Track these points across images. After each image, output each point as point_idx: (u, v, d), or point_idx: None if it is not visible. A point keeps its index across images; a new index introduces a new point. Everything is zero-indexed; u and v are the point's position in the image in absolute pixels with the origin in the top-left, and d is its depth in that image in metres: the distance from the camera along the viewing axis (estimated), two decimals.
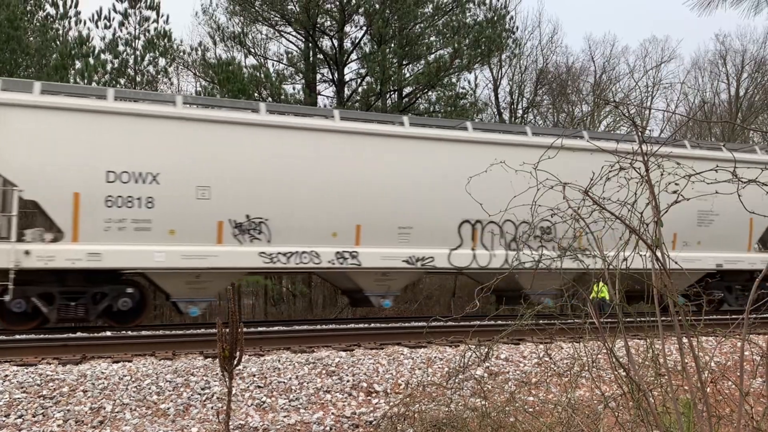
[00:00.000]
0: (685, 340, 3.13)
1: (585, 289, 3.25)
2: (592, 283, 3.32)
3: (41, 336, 9.40)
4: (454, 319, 9.82)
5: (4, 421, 5.62)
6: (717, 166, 2.96)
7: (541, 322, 4.03)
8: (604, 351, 3.40)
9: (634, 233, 2.87)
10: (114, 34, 21.59)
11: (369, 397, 6.74)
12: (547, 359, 7.59)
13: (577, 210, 3.30)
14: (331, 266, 12.34)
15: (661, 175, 3.06)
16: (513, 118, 29.46)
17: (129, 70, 21.72)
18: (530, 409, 4.25)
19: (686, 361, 3.22)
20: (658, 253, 2.86)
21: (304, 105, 21.23)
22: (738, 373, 3.23)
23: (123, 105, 11.52)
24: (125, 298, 11.36)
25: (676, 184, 2.88)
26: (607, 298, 21.71)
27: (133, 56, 21.87)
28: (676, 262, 2.98)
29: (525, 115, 30.14)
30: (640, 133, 3.33)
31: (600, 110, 30.70)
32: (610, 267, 3.17)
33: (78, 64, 20.37)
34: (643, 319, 3.74)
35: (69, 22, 21.78)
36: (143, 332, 10.35)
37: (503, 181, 5.22)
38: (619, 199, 3.05)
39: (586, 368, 3.63)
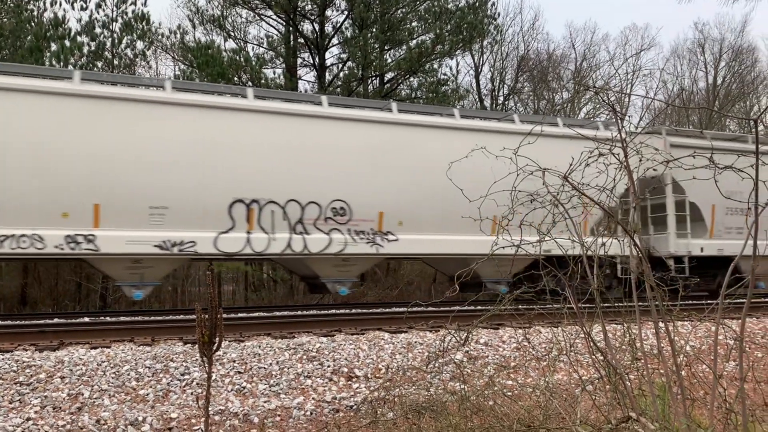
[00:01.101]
0: (661, 324, 3.17)
1: (564, 275, 3.28)
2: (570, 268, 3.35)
3: (17, 322, 9.28)
4: (434, 305, 9.91)
5: None
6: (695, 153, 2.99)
7: (520, 307, 4.07)
8: (582, 335, 3.44)
9: (611, 218, 2.90)
10: (91, 16, 21.20)
11: (350, 382, 6.77)
12: (525, 344, 7.67)
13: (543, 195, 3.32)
14: (60, 252, 10.66)
15: (640, 161, 3.09)
16: (494, 105, 29.52)
17: (106, 53, 21.36)
18: (509, 393, 4.30)
19: (662, 345, 3.27)
20: (636, 238, 2.89)
21: (285, 90, 21.05)
22: (712, 357, 3.29)
23: None
24: None
25: (654, 170, 2.90)
26: None
27: (110, 39, 21.51)
28: (653, 248, 3.02)
29: (506, 102, 30.22)
30: (619, 120, 3.35)
31: (580, 97, 30.87)
32: (588, 252, 3.20)
33: (54, 47, 19.98)
34: (620, 304, 3.78)
35: (44, 3, 21.31)
36: (122, 318, 10.27)
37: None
38: (597, 185, 3.08)
39: (564, 352, 3.67)
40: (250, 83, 22.11)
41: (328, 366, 7.16)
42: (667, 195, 15.20)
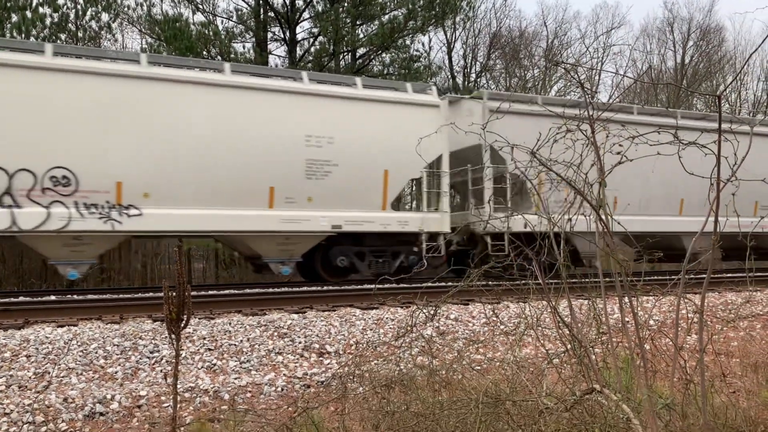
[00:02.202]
0: (625, 299, 3.24)
1: (532, 250, 3.31)
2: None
3: None
4: (404, 281, 9.94)
5: None
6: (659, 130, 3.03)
7: (489, 283, 4.11)
8: (549, 310, 3.49)
9: (579, 194, 2.93)
10: None
11: (321, 358, 6.80)
12: (494, 319, 7.78)
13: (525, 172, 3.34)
14: None
15: (606, 137, 3.12)
16: (466, 82, 29.50)
17: (70, 25, 20.76)
18: (477, 367, 4.36)
19: (626, 319, 3.34)
20: (602, 214, 2.94)
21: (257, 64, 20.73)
22: (674, 330, 3.37)
23: None
24: None
25: (620, 145, 2.94)
26: None
27: (74, 10, 20.88)
28: (619, 224, 3.07)
29: (478, 79, 30.23)
30: (588, 96, 3.38)
31: (551, 75, 31.02)
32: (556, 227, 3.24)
33: (14, 18, 19.32)
34: (586, 280, 3.85)
35: None
36: (89, 296, 10.13)
37: None
38: (564, 161, 3.11)
39: (532, 327, 3.73)
40: (219, 57, 21.72)
41: (300, 342, 7.18)
42: (485, 166, 14.25)
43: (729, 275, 12.27)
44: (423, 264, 12.78)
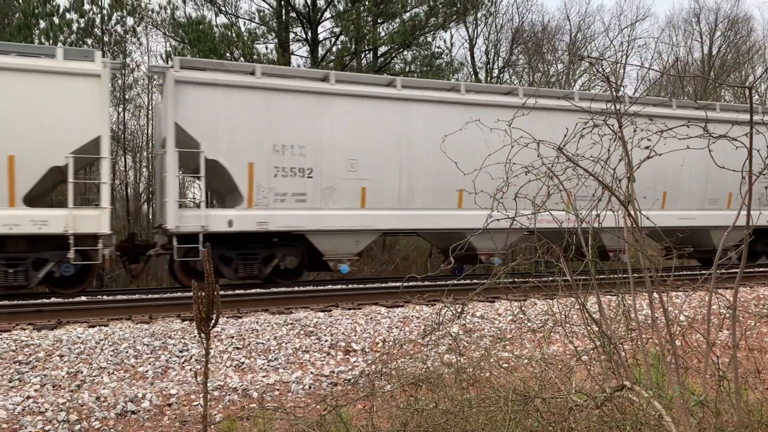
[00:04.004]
0: (655, 294, 3.20)
1: (559, 247, 3.28)
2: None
3: (15, 302, 9.29)
4: (430, 279, 9.96)
5: None
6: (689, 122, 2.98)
7: (516, 280, 4.08)
8: (577, 307, 3.46)
9: (606, 189, 2.90)
10: None
11: (347, 356, 6.82)
12: (521, 316, 7.73)
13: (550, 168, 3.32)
14: None
15: (634, 131, 3.08)
16: (489, 78, 29.33)
17: (96, 29, 21.09)
18: (505, 365, 4.35)
19: (656, 315, 3.30)
20: (631, 210, 2.90)
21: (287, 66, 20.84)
22: (706, 326, 3.32)
23: None
24: None
25: (648, 140, 2.90)
26: None
27: (99, 15, 21.21)
28: (648, 218, 3.03)
29: (501, 75, 30.03)
30: (614, 90, 3.34)
31: (575, 69, 30.70)
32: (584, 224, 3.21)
33: (42, 24, 19.69)
34: (615, 276, 3.81)
35: None
36: (119, 296, 10.28)
37: None
38: (591, 156, 3.07)
39: (560, 324, 3.70)
40: (242, 59, 21.88)
41: (326, 340, 7.22)
42: (167, 149, 11.31)
43: (761, 269, 12.04)
44: (69, 270, 10.69)
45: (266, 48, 24.43)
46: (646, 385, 3.12)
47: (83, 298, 9.84)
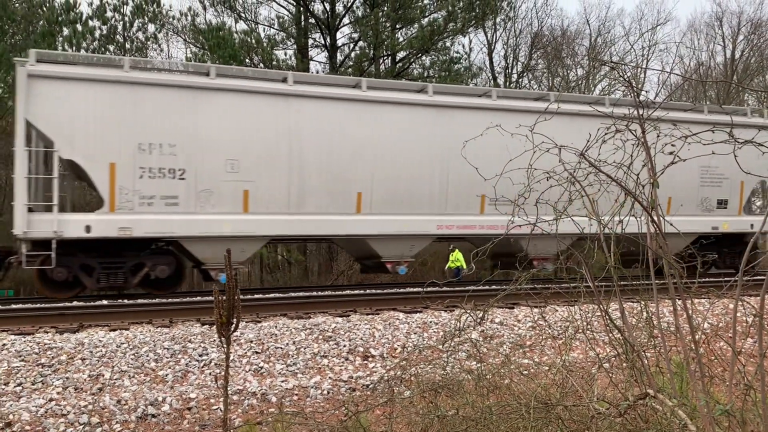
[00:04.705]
0: (678, 301, 3.15)
1: (581, 253, 3.25)
2: (587, 246, 3.33)
3: (37, 305, 9.41)
4: (449, 284, 9.92)
5: (3, 389, 5.66)
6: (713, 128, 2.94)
7: (537, 286, 4.04)
8: (599, 314, 3.42)
9: (629, 195, 2.87)
10: (101, 0, 21.18)
11: (365, 362, 6.81)
12: (542, 322, 7.66)
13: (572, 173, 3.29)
14: None
15: (657, 137, 3.05)
16: (508, 83, 29.24)
17: (118, 36, 21.37)
18: (525, 372, 4.31)
19: (679, 322, 3.25)
20: (654, 215, 2.86)
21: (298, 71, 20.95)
22: (730, 334, 3.26)
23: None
24: None
25: (673, 145, 2.87)
26: (464, 266, 20.43)
27: (121, 22, 21.49)
28: (671, 224, 2.99)
29: (520, 80, 29.91)
30: (636, 95, 3.30)
31: (595, 73, 30.49)
32: (606, 229, 3.17)
33: (66, 31, 20.01)
34: (637, 282, 3.76)
35: None
36: (139, 300, 10.38)
37: None
38: (615, 161, 3.04)
39: (581, 331, 3.66)
40: (261, 65, 22.04)
41: (344, 346, 7.22)
42: (16, 148, 10.55)
43: None
44: None
45: (285, 54, 24.61)
46: (669, 393, 3.07)
47: (105, 302, 9.95)
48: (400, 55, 24.84)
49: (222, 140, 11.29)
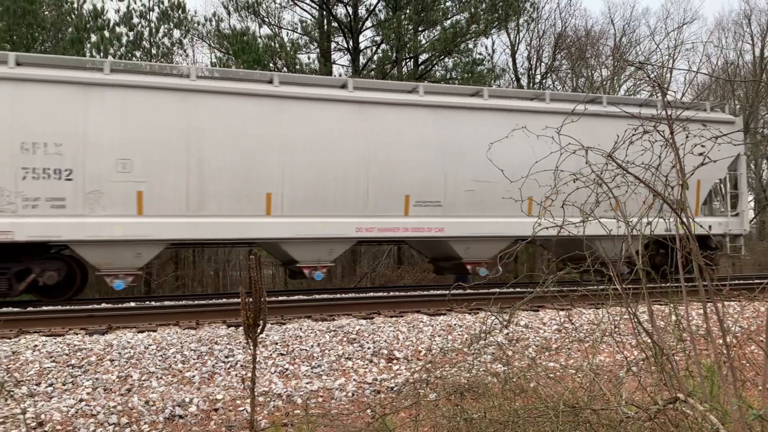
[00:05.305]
0: (709, 304, 3.11)
1: (607, 255, 3.22)
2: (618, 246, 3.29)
3: (67, 307, 9.58)
4: (473, 287, 9.87)
5: (35, 389, 5.77)
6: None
7: (563, 289, 4.01)
8: (626, 317, 3.39)
9: (658, 196, 2.84)
10: (128, 6, 21.51)
11: (390, 364, 6.82)
12: (568, 325, 7.60)
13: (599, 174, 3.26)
14: None
15: (687, 137, 3.01)
16: (531, 84, 29.06)
17: (144, 42, 21.68)
18: (551, 375, 4.28)
19: (710, 325, 3.20)
20: (683, 217, 2.83)
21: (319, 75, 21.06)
22: (762, 337, 3.20)
23: None
24: None
25: (702, 146, 2.83)
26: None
27: (148, 28, 21.80)
28: (701, 226, 2.94)
29: (543, 81, 29.71)
30: (663, 94, 3.26)
31: (620, 74, 30.15)
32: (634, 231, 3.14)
33: (93, 38, 20.36)
34: (666, 284, 3.72)
35: None
36: (166, 302, 10.51)
37: None
38: (643, 163, 3.01)
39: (608, 334, 3.63)
40: (285, 69, 22.19)
41: (368, 348, 7.23)
42: None
43: None
44: None
45: (308, 58, 24.75)
46: (700, 397, 3.03)
47: (132, 304, 10.09)
48: (423, 57, 24.84)
49: (113, 138, 10.69)
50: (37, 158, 10.30)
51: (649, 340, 3.34)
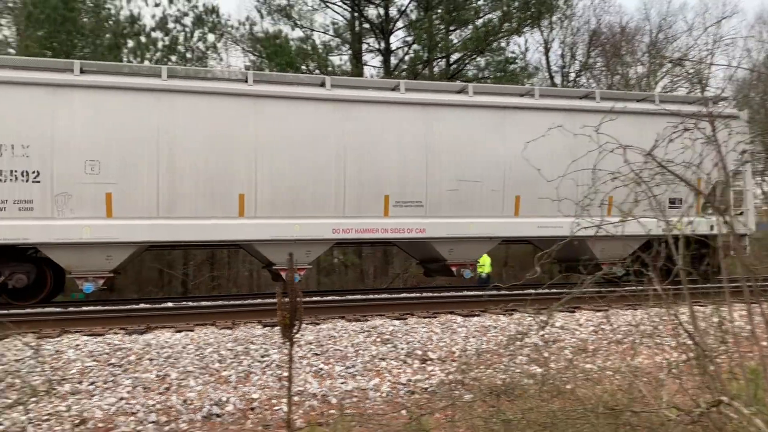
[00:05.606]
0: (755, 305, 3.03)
1: (648, 255, 3.16)
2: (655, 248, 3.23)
3: (107, 307, 9.78)
4: (507, 288, 9.73)
5: (78, 387, 5.91)
6: None
7: (601, 290, 3.95)
8: (666, 318, 3.32)
9: (701, 196, 2.77)
10: (164, 12, 21.91)
11: (424, 365, 6.80)
12: (607, 327, 7.48)
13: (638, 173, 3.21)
14: None
15: (729, 135, 2.94)
16: (565, 82, 28.71)
17: (179, 47, 22.03)
18: (589, 376, 4.22)
19: (754, 326, 3.12)
20: (727, 216, 2.76)
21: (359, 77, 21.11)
22: None
23: None
24: None
25: (743, 142, 2.75)
26: (487, 272, 19.07)
27: (182, 33, 22.16)
28: (745, 225, 2.87)
29: (577, 79, 29.33)
30: (702, 90, 3.19)
31: (656, 70, 29.58)
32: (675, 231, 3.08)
33: (130, 43, 20.79)
34: (707, 285, 3.64)
35: (120, 2, 22.17)
36: (203, 303, 10.65)
37: None
38: (684, 161, 2.95)
39: (649, 335, 3.56)
40: (317, 71, 22.33)
41: (402, 348, 7.22)
42: None
43: None
44: None
45: (340, 59, 24.85)
46: (745, 401, 2.95)
47: (170, 305, 10.25)
48: (455, 56, 24.73)
49: (82, 140, 10.55)
50: (4, 160, 10.28)
51: (690, 342, 3.28)
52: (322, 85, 11.97)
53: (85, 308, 9.81)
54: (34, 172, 10.37)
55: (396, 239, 12.37)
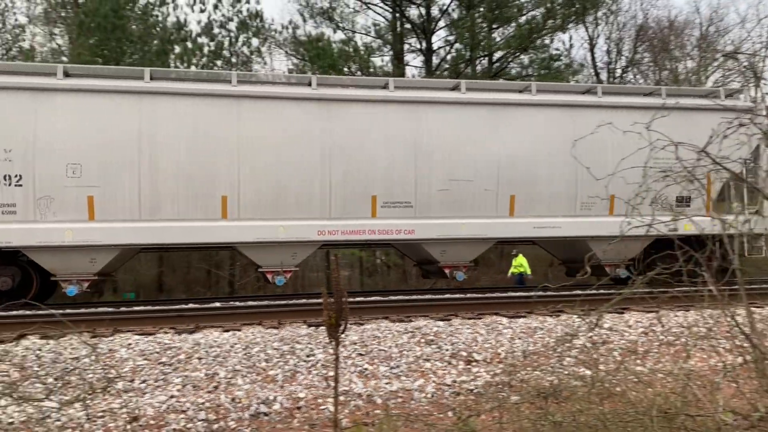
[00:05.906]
0: None
1: (701, 255, 3.07)
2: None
3: (157, 308, 10.03)
4: (555, 289, 9.59)
5: (130, 385, 6.07)
6: None
7: (653, 290, 3.86)
8: (721, 319, 3.22)
9: (759, 192, 2.68)
10: (209, 18, 22.35)
11: (469, 366, 6.76)
12: (659, 328, 7.30)
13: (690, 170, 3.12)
14: None
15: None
16: (611, 78, 28.16)
17: (225, 51, 22.44)
18: (640, 379, 4.12)
19: None
20: None
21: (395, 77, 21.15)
22: None
23: None
24: None
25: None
26: (527, 272, 18.37)
27: (227, 38, 22.56)
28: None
29: (624, 75, 28.72)
30: (757, 85, 3.09)
31: (707, 65, 28.73)
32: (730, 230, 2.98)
33: (177, 49, 21.27)
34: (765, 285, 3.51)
35: (167, 9, 22.74)
36: (249, 303, 10.82)
37: None
38: (740, 158, 2.85)
39: (702, 337, 3.46)
40: (359, 73, 22.44)
41: (447, 350, 7.19)
42: None
43: None
44: None
45: (382, 60, 24.91)
46: None
47: (218, 305, 10.45)
48: (497, 55, 24.52)
49: (64, 143, 10.58)
50: None
51: (747, 344, 3.17)
52: (309, 84, 11.81)
53: (136, 308, 10.08)
54: (16, 176, 10.43)
55: (384, 240, 12.08)
